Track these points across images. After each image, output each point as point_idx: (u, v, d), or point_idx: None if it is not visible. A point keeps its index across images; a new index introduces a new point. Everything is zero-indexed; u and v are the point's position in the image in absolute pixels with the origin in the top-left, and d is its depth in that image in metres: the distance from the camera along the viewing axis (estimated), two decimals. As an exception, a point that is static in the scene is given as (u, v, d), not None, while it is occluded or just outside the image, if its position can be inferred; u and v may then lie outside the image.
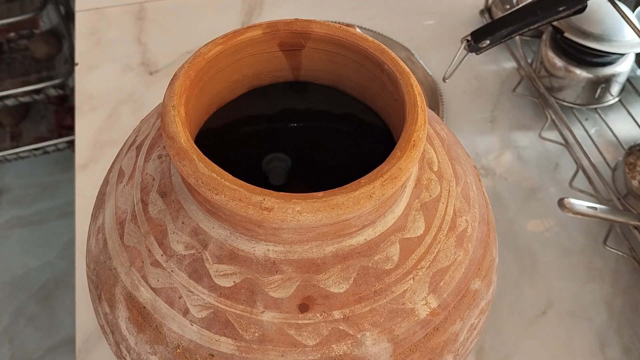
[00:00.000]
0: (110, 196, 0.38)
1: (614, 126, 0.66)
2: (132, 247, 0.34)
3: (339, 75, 0.37)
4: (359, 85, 0.37)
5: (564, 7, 0.56)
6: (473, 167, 0.41)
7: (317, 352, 0.29)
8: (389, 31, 0.77)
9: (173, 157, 0.29)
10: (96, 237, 0.38)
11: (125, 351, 0.34)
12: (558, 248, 0.58)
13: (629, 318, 0.54)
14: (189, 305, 0.31)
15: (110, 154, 0.49)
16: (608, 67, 0.64)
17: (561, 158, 0.65)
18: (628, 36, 0.61)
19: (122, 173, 0.38)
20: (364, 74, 0.36)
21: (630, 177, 0.58)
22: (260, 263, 0.31)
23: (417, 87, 0.31)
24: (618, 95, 0.67)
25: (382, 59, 0.33)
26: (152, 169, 0.36)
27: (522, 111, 0.70)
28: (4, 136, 1.44)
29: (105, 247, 0.36)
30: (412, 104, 0.31)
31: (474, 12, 0.81)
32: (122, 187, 0.37)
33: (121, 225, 0.35)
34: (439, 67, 0.73)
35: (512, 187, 0.63)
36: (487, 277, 0.37)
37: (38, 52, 1.41)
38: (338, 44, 0.34)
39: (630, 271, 0.56)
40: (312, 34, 0.34)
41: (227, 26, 0.79)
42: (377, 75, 0.34)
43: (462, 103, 0.70)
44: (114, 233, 0.36)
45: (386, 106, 0.35)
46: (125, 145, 0.41)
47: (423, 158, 0.35)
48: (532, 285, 0.56)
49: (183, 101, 0.30)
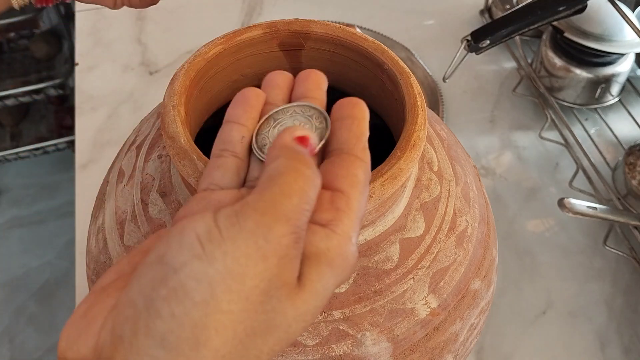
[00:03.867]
0: (110, 196, 0.38)
1: (614, 126, 0.66)
2: (132, 247, 0.34)
3: (339, 75, 0.37)
4: (359, 85, 0.37)
5: (564, 7, 0.56)
6: (473, 167, 0.41)
7: (317, 352, 0.29)
8: (389, 31, 0.77)
9: (173, 157, 0.29)
10: (96, 237, 0.38)
11: (125, 351, 0.34)
12: (558, 248, 0.58)
13: (629, 318, 0.54)
14: (189, 305, 0.31)
15: (110, 154, 0.49)
16: (608, 67, 0.64)
17: (561, 158, 0.65)
18: (628, 36, 0.61)
19: (122, 173, 0.38)
20: (364, 74, 0.36)
21: (630, 177, 0.58)
22: (260, 263, 0.31)
23: (417, 87, 0.31)
24: (618, 95, 0.67)
25: (382, 58, 0.33)
26: (152, 169, 0.36)
27: (522, 111, 0.70)
28: (4, 136, 1.44)
29: (106, 247, 0.36)
30: (412, 104, 0.31)
31: (474, 12, 0.81)
32: (122, 187, 0.37)
33: (121, 225, 0.35)
34: (439, 67, 0.73)
35: (512, 187, 0.63)
36: (487, 277, 0.37)
37: (38, 52, 1.41)
38: (338, 44, 0.34)
39: (630, 271, 0.56)
40: (312, 34, 0.34)
41: (227, 26, 0.79)
42: (377, 75, 0.34)
43: (462, 103, 0.70)
44: (114, 233, 0.36)
45: (386, 106, 0.35)
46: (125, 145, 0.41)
47: (423, 158, 0.35)
48: (532, 285, 0.56)
49: (183, 101, 0.30)
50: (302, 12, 0.81)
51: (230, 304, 0.17)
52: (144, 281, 0.18)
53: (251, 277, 0.17)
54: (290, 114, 0.25)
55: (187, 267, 0.17)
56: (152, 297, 0.17)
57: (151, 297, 0.17)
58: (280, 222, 0.18)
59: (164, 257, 0.18)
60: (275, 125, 0.25)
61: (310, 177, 0.19)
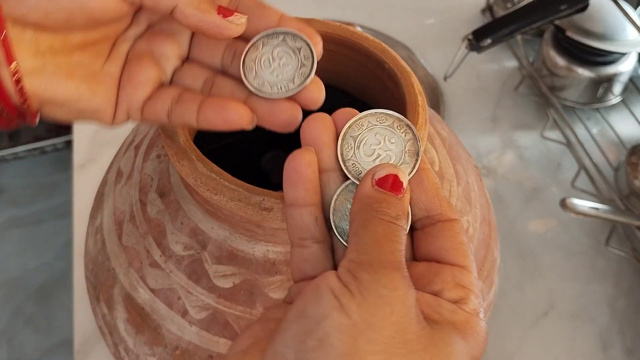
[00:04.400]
0: (109, 196, 0.38)
1: (616, 126, 0.66)
2: (130, 247, 0.34)
3: (339, 74, 0.37)
4: (360, 84, 0.37)
5: (565, 6, 0.55)
6: (474, 167, 0.41)
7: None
8: (390, 30, 0.77)
9: (172, 156, 0.29)
10: (94, 237, 0.38)
11: (123, 352, 0.34)
12: (560, 248, 0.58)
13: (631, 319, 0.53)
14: (188, 306, 0.31)
15: (109, 153, 0.49)
16: (610, 66, 0.63)
17: (563, 158, 0.65)
18: (630, 35, 0.61)
19: (121, 173, 0.38)
20: (364, 73, 0.35)
21: (633, 177, 0.57)
22: (259, 264, 0.30)
23: (418, 86, 0.31)
24: (620, 94, 0.66)
25: (383, 58, 0.33)
26: (151, 169, 0.35)
27: (524, 110, 0.69)
28: (2, 136, 1.44)
29: (104, 248, 0.36)
30: (413, 103, 0.30)
31: (475, 10, 0.80)
32: (120, 187, 0.37)
33: (119, 226, 0.35)
34: (440, 66, 0.72)
35: (513, 187, 0.62)
36: (488, 277, 0.37)
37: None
38: (338, 42, 0.34)
39: (633, 272, 0.56)
40: (313, 32, 0.34)
41: (226, 25, 0.78)
42: (378, 74, 0.34)
43: (464, 102, 0.70)
44: (113, 233, 0.35)
45: (387, 105, 0.35)
46: (123, 145, 0.41)
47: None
48: (534, 286, 0.55)
49: (182, 100, 0.30)
50: (302, 11, 0.81)
51: (374, 355, 0.18)
52: (289, 335, 0.19)
53: (386, 327, 0.18)
54: (278, 47, 0.25)
55: (329, 318, 0.18)
56: (301, 350, 0.18)
57: (300, 350, 0.18)
58: (388, 268, 0.19)
59: (304, 311, 0.19)
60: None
61: (395, 223, 0.20)
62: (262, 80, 0.25)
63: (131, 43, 0.26)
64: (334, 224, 0.23)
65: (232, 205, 0.28)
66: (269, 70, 0.25)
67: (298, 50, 0.25)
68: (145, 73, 0.25)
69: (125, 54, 0.26)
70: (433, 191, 0.22)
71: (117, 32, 0.25)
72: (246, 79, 0.25)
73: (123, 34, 0.26)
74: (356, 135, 0.24)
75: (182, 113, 0.25)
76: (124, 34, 0.26)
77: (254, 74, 0.25)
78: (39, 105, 0.23)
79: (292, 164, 0.22)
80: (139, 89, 0.25)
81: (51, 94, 0.23)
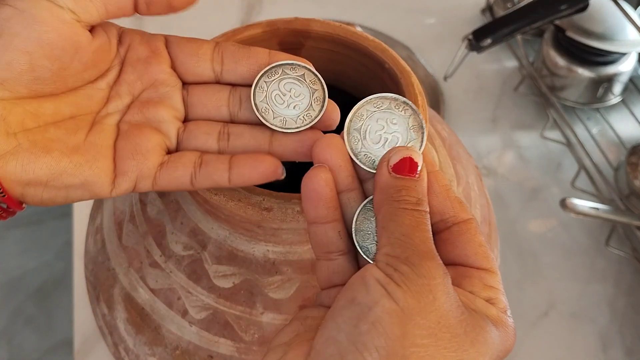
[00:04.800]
0: (108, 196, 0.38)
1: (616, 126, 0.66)
2: (130, 247, 0.34)
3: (339, 74, 0.37)
4: (360, 84, 0.37)
5: (565, 6, 0.55)
6: (474, 167, 0.41)
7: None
8: (390, 30, 0.77)
9: (171, 156, 0.28)
10: (94, 237, 0.38)
11: (123, 352, 0.34)
12: (560, 248, 0.58)
13: (631, 319, 0.53)
14: (188, 306, 0.31)
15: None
16: (610, 66, 0.63)
17: (563, 158, 0.65)
18: (630, 35, 0.61)
19: (120, 173, 0.38)
20: (364, 73, 0.35)
21: (633, 177, 0.57)
22: (259, 264, 0.30)
23: (418, 86, 0.31)
24: (620, 94, 0.66)
25: (383, 57, 0.33)
26: (151, 169, 0.35)
27: (524, 110, 0.69)
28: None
29: (104, 248, 0.36)
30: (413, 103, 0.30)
31: (475, 10, 0.80)
32: (120, 187, 0.37)
33: (119, 226, 0.35)
34: (440, 66, 0.72)
35: (513, 187, 0.62)
36: (489, 278, 0.36)
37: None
38: (338, 42, 0.34)
39: (633, 272, 0.56)
40: (312, 33, 0.34)
41: (226, 25, 0.78)
42: (378, 74, 0.34)
43: (464, 102, 0.70)
44: (112, 233, 0.35)
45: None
46: (123, 145, 0.41)
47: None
48: (534, 286, 0.55)
49: (181, 100, 0.30)
50: (302, 10, 0.81)
51: (422, 339, 0.19)
52: (341, 320, 0.19)
53: (432, 313, 0.19)
54: (282, 80, 0.25)
55: (379, 304, 0.19)
56: (354, 333, 0.19)
57: (354, 333, 0.19)
58: (424, 259, 0.20)
59: (355, 299, 0.19)
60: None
61: (418, 209, 0.21)
62: (283, 117, 0.25)
63: (119, 117, 0.25)
64: (358, 245, 0.23)
65: (232, 205, 0.28)
66: (283, 105, 0.25)
67: (302, 77, 0.25)
68: (151, 140, 0.25)
69: (115, 126, 0.25)
70: (444, 194, 0.23)
71: (92, 103, 0.25)
72: (266, 121, 0.25)
73: (105, 106, 0.25)
74: (359, 126, 0.24)
75: (210, 175, 0.25)
76: (106, 106, 0.25)
77: (272, 113, 0.25)
78: (22, 189, 0.23)
79: (309, 185, 0.22)
80: (150, 158, 0.25)
81: (31, 175, 0.22)
